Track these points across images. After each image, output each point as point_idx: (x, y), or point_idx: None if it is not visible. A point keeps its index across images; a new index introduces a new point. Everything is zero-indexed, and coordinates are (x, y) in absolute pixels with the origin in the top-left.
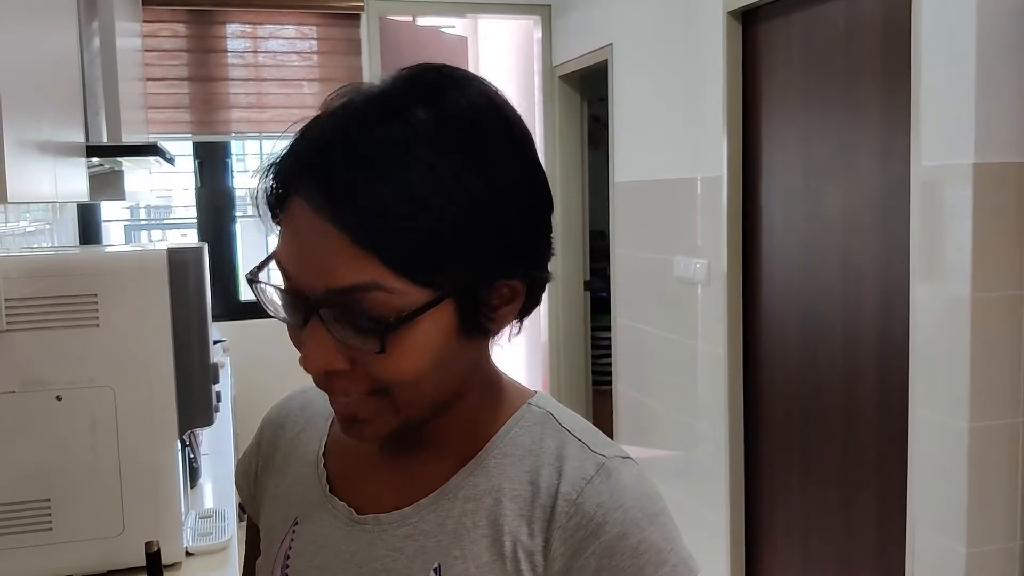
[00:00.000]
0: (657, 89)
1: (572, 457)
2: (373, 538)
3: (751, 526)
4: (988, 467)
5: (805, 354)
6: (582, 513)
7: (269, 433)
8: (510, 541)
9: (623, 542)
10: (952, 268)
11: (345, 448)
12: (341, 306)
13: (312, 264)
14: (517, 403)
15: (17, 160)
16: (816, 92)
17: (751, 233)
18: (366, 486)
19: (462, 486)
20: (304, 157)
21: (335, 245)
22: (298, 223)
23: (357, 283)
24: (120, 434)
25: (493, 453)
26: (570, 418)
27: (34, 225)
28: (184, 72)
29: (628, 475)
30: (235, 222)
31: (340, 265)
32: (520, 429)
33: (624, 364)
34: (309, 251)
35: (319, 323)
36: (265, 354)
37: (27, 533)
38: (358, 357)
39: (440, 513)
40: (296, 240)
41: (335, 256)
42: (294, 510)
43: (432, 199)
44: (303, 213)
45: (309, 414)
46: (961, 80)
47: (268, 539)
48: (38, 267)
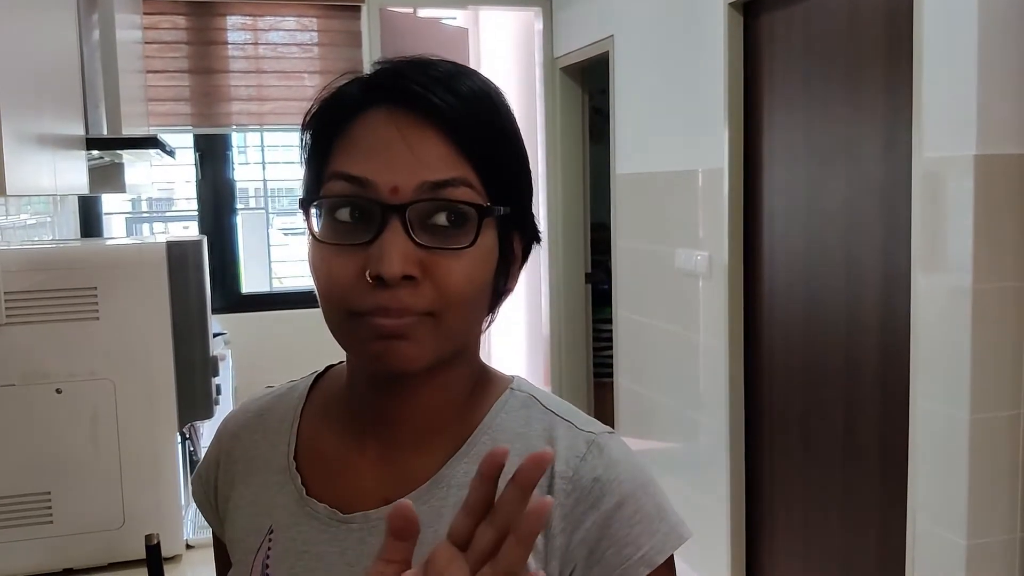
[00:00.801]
0: (658, 81)
1: (561, 437)
2: (363, 535)
3: (752, 517)
4: (989, 459)
5: (806, 346)
6: (580, 489)
7: (226, 444)
8: None
9: (620, 511)
10: (953, 259)
11: (319, 449)
12: (431, 202)
13: (404, 163)
14: (499, 389)
15: (16, 153)
16: (817, 84)
17: (752, 225)
18: (347, 485)
19: (454, 474)
20: (392, 77)
21: (431, 144)
22: (380, 130)
23: (453, 176)
24: (120, 427)
25: (482, 439)
26: (552, 400)
27: (35, 218)
28: (184, 64)
29: (617, 448)
30: (236, 214)
31: (436, 160)
32: (506, 414)
33: (625, 356)
34: (400, 153)
35: (399, 228)
36: (266, 347)
37: (28, 526)
38: (430, 264)
39: (434, 503)
40: (378, 145)
41: (431, 153)
42: (266, 518)
43: (504, 131)
44: (391, 124)
45: (268, 420)
46: (963, 71)
47: (240, 550)
48: (38, 260)
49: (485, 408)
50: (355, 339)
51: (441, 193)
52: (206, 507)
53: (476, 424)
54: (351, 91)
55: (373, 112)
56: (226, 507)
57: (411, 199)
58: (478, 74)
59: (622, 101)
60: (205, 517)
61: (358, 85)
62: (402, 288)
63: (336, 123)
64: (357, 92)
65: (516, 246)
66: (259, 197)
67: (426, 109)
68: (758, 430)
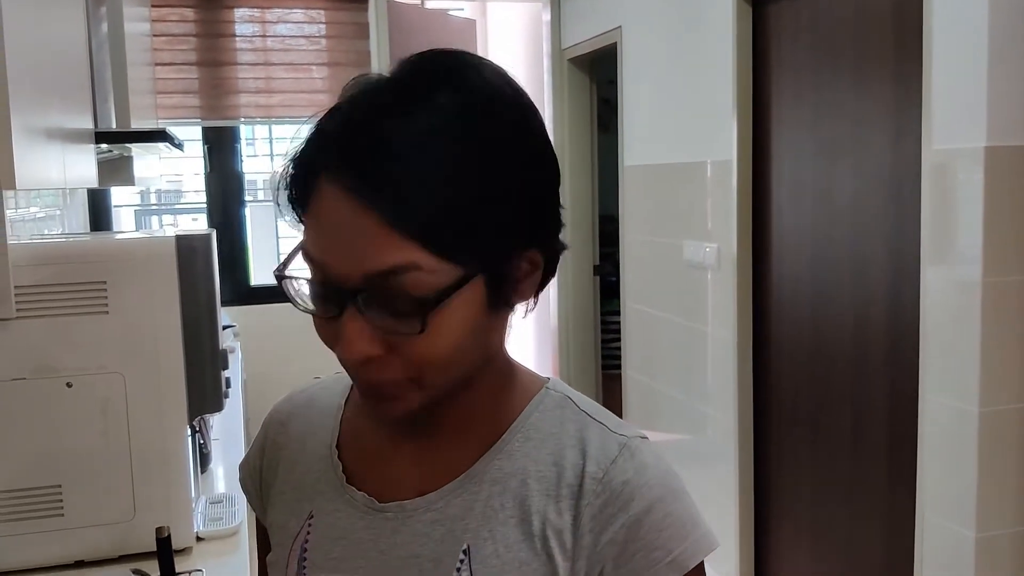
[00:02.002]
0: (667, 72)
1: (594, 438)
2: (397, 525)
3: (760, 510)
4: (998, 452)
5: (815, 338)
6: (609, 490)
7: (272, 432)
8: (538, 520)
9: (649, 516)
10: (963, 252)
11: (360, 440)
12: (379, 290)
13: (347, 250)
14: (534, 388)
15: (25, 147)
16: (826, 75)
17: (761, 217)
18: (384, 475)
19: (487, 470)
20: (335, 140)
21: (371, 228)
22: (330, 210)
23: (395, 265)
24: (130, 420)
25: (516, 437)
26: (587, 402)
27: (44, 211)
28: (193, 57)
29: (649, 454)
30: (245, 206)
31: (377, 248)
32: (540, 413)
33: (633, 348)
34: (344, 237)
35: (355, 311)
36: (275, 339)
37: (39, 519)
38: (394, 341)
39: (466, 497)
40: (329, 228)
41: (371, 239)
42: (307, 504)
43: (464, 178)
44: (335, 199)
45: (314, 410)
46: (973, 63)
47: (281, 535)
48: (47, 254)
49: (519, 407)
50: (358, 390)
51: (387, 283)
52: (251, 493)
53: (509, 422)
54: (310, 153)
55: (324, 180)
56: (269, 492)
57: (359, 287)
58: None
59: (630, 92)
60: (250, 502)
61: (314, 139)
62: (372, 364)
63: (302, 191)
64: (314, 156)
65: (527, 265)
66: (268, 189)
67: (362, 185)
68: (766, 422)
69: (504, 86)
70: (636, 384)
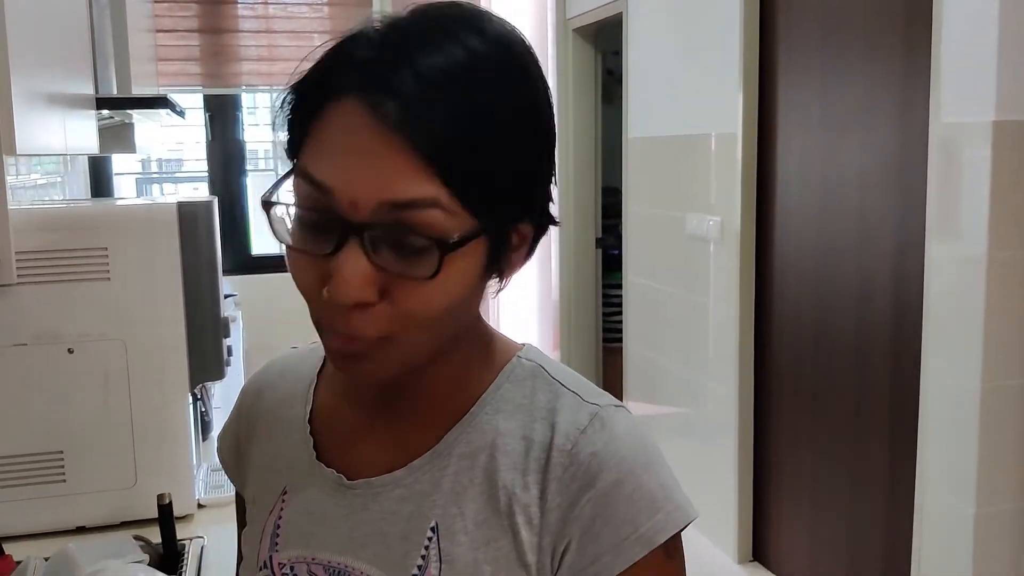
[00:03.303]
0: (672, 43)
1: (565, 408)
2: (366, 502)
3: (760, 484)
4: (999, 428)
5: (817, 312)
6: (577, 463)
7: (248, 402)
8: (505, 495)
9: (618, 489)
10: (969, 227)
11: (332, 414)
12: (392, 225)
13: (364, 175)
14: (506, 357)
15: (26, 112)
16: (834, 47)
17: (765, 191)
18: (355, 451)
19: (455, 444)
20: (370, 61)
21: (396, 154)
22: (349, 131)
23: (417, 197)
24: (132, 387)
25: (485, 410)
26: (561, 370)
27: (45, 178)
28: (194, 24)
29: (622, 423)
30: (246, 175)
31: (401, 177)
32: (511, 384)
33: (635, 322)
34: (364, 161)
35: (358, 247)
36: (277, 308)
37: (41, 484)
38: (389, 288)
39: (435, 473)
40: (344, 150)
41: (395, 166)
42: (282, 479)
43: (492, 119)
44: (357, 120)
45: (289, 380)
46: (982, 36)
47: (256, 509)
48: (48, 220)
49: (490, 378)
50: (324, 344)
51: (403, 216)
52: (230, 465)
53: (480, 394)
54: (329, 66)
55: (344, 101)
56: (247, 465)
57: (369, 219)
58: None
59: (635, 63)
60: (228, 475)
61: (335, 59)
62: (358, 311)
63: (313, 103)
64: (333, 70)
65: (517, 236)
66: (269, 158)
67: (395, 109)
68: (768, 396)
69: (516, 38)
70: (637, 357)
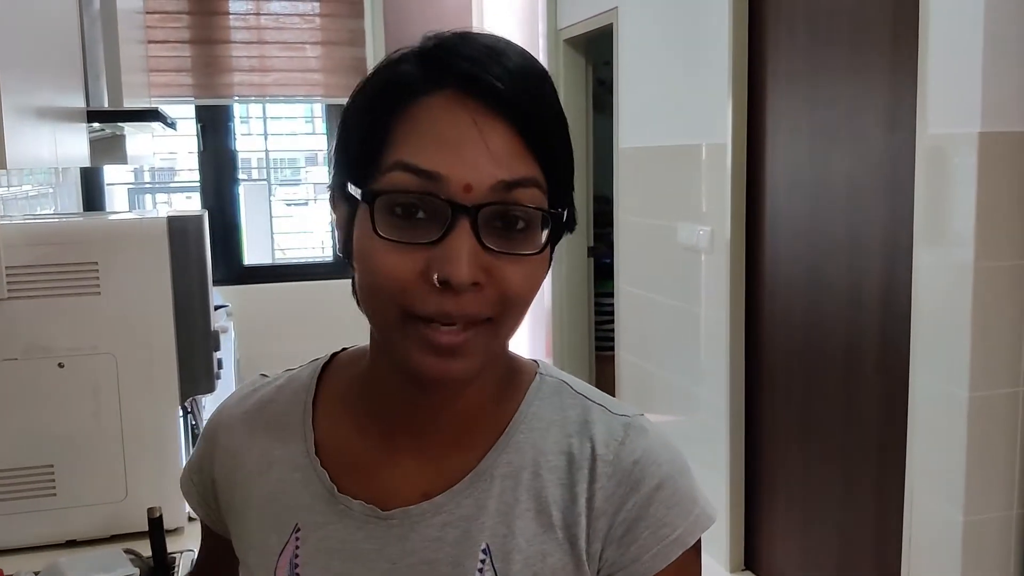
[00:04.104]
0: (663, 54)
1: (598, 422)
2: (404, 532)
3: (751, 492)
4: (987, 436)
5: (807, 321)
6: (621, 471)
7: (222, 438)
8: (556, 510)
9: (659, 493)
10: (956, 237)
11: (341, 445)
12: (503, 203)
13: (480, 159)
14: (528, 376)
15: (16, 125)
16: (822, 58)
17: (755, 200)
18: (379, 481)
19: (496, 465)
20: (468, 58)
21: (504, 138)
22: (452, 121)
23: (526, 176)
24: (122, 401)
25: (520, 428)
26: (582, 385)
27: (37, 189)
28: (186, 35)
29: (653, 431)
30: (238, 185)
31: (510, 158)
32: (540, 401)
33: (627, 330)
34: (477, 147)
35: (467, 230)
36: (268, 318)
37: (31, 498)
38: (494, 270)
39: (477, 496)
40: (456, 139)
41: (505, 148)
42: (290, 517)
43: (559, 114)
44: (465, 113)
45: (270, 413)
46: (968, 48)
47: (258, 553)
48: (39, 234)
49: (518, 397)
50: (407, 345)
51: (513, 195)
52: (199, 503)
53: (511, 414)
54: (409, 69)
55: (439, 96)
56: (231, 505)
57: (484, 199)
58: (526, 52)
59: (626, 73)
60: (195, 511)
61: (416, 63)
62: (468, 294)
63: (396, 105)
64: (417, 71)
65: None
66: (262, 168)
67: (496, 96)
68: (758, 404)
69: None
70: (629, 366)
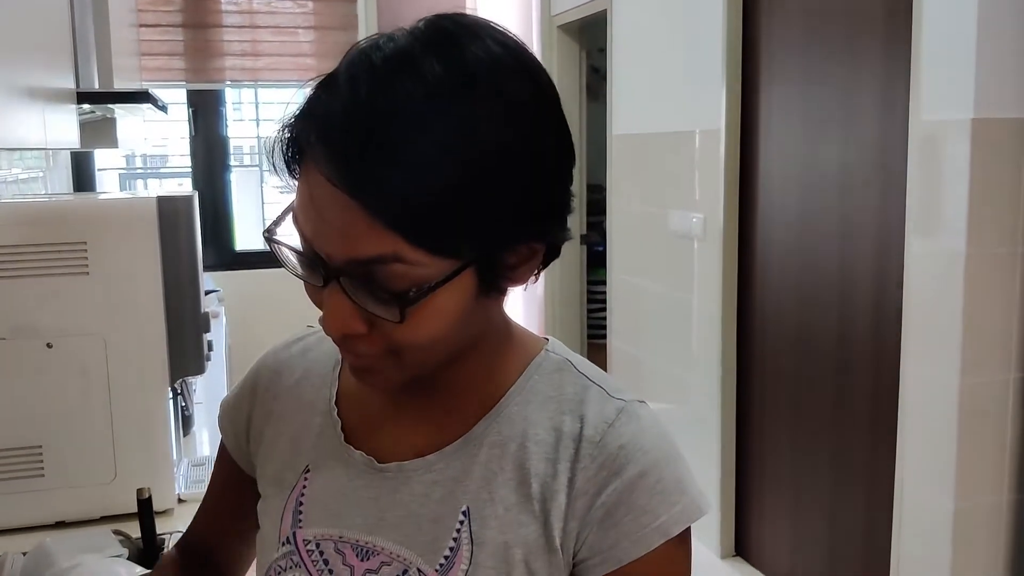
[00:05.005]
0: (657, 40)
1: (592, 402)
2: (397, 485)
3: (742, 479)
4: (978, 423)
5: (799, 309)
6: (606, 454)
7: (265, 379)
8: (536, 483)
9: (643, 480)
10: (948, 224)
11: (360, 398)
12: (361, 276)
13: (330, 232)
14: (533, 350)
15: (3, 106)
16: (816, 45)
17: (748, 188)
18: (384, 435)
19: (486, 433)
20: (317, 124)
21: (353, 216)
22: (315, 188)
23: (376, 255)
24: (111, 382)
25: (515, 400)
26: (586, 365)
27: (27, 173)
28: (178, 19)
29: (646, 418)
30: (230, 171)
31: (359, 236)
32: (539, 376)
33: (619, 318)
34: (327, 218)
35: (338, 289)
36: (261, 303)
37: (20, 479)
38: (376, 321)
39: (465, 460)
40: (314, 206)
41: (353, 227)
42: (304, 458)
43: (450, 163)
44: (319, 182)
45: (310, 361)
46: (962, 34)
47: (273, 485)
48: (27, 214)
49: (517, 370)
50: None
51: (368, 270)
52: (231, 434)
53: (508, 385)
54: (299, 128)
55: (308, 156)
56: (260, 439)
57: (342, 269)
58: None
59: (620, 61)
60: (225, 441)
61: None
62: (350, 340)
63: (292, 158)
64: (301, 132)
65: (517, 256)
66: (254, 154)
67: (343, 170)
68: (750, 391)
69: (506, 56)
70: (621, 354)
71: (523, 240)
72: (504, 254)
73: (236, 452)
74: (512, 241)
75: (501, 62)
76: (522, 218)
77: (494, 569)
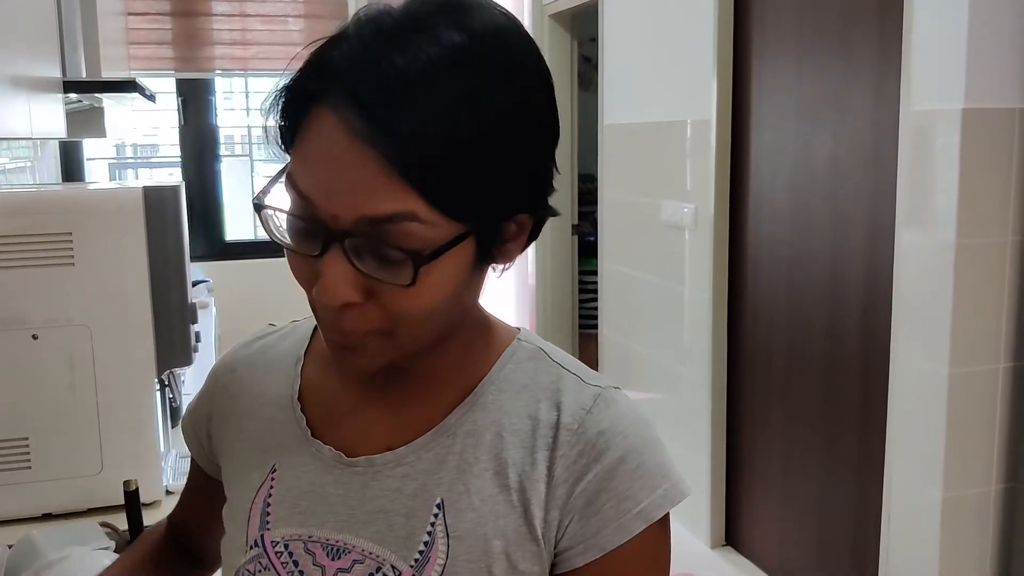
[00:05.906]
0: (648, 30)
1: (568, 389)
2: (366, 480)
3: (732, 469)
4: (966, 413)
5: (790, 299)
6: (584, 441)
7: (223, 380)
8: (514, 473)
9: (622, 466)
10: (938, 214)
11: (324, 391)
12: (371, 236)
13: (342, 189)
14: (506, 340)
15: None
16: (808, 35)
17: (739, 178)
18: (352, 429)
19: (461, 423)
20: (344, 71)
21: (372, 169)
22: (327, 144)
23: (395, 212)
24: (98, 373)
25: (489, 389)
26: (560, 354)
27: (15, 162)
28: (166, 7)
29: (623, 404)
30: (220, 161)
31: (376, 191)
32: (513, 365)
33: (610, 308)
34: (340, 175)
35: (340, 254)
36: (250, 294)
37: (5, 471)
38: (376, 289)
39: (438, 451)
40: (323, 163)
41: (371, 181)
42: (271, 457)
43: (466, 118)
44: (334, 132)
45: (270, 358)
46: (953, 25)
47: (240, 486)
48: (11, 204)
49: (491, 359)
50: (322, 332)
51: (381, 229)
52: (193, 440)
53: (482, 375)
54: (307, 71)
55: (323, 109)
56: (222, 441)
57: (350, 230)
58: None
59: (611, 50)
60: (190, 448)
61: (314, 64)
62: (344, 311)
63: (294, 118)
64: (315, 84)
65: (512, 229)
66: (244, 144)
67: (366, 117)
68: (740, 382)
69: (512, 28)
70: (612, 344)
71: (521, 209)
72: (504, 223)
73: (200, 457)
74: (513, 209)
75: (507, 28)
76: (524, 189)
77: (473, 563)
